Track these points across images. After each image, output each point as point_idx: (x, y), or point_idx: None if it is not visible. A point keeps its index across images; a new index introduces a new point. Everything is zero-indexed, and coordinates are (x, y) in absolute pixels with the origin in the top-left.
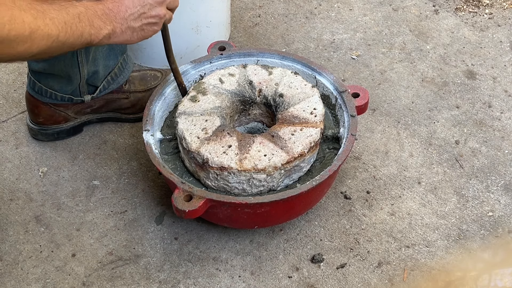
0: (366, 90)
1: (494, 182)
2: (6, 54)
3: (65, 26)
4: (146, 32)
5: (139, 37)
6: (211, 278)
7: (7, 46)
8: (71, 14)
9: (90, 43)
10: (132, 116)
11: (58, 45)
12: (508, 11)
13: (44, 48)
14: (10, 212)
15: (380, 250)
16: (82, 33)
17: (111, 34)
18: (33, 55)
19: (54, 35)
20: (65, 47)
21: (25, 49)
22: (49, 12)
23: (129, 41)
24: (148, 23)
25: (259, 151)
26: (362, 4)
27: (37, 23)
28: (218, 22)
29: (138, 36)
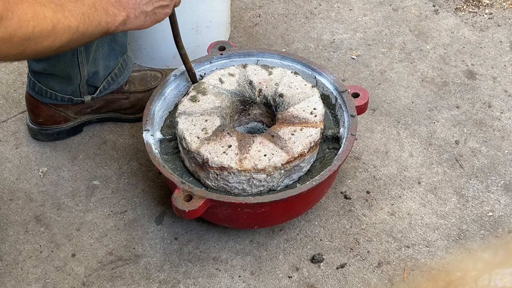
0: (366, 90)
1: (494, 182)
2: (32, 50)
3: (83, 17)
4: (158, 15)
5: (152, 20)
6: (211, 278)
7: (33, 42)
8: (87, 4)
9: (108, 31)
10: (132, 116)
11: (78, 36)
12: (508, 11)
13: (66, 41)
14: (10, 212)
15: (380, 250)
16: (99, 22)
17: (126, 20)
18: (56, 49)
19: (74, 27)
20: (85, 38)
21: (50, 44)
22: (67, 4)
23: (143, 25)
24: (160, 6)
25: (259, 151)
26: (362, 4)
27: (57, 17)
28: (218, 22)
29: (151, 20)
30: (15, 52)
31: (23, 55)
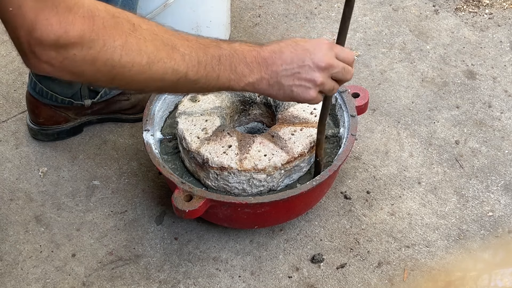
0: (366, 90)
1: (494, 182)
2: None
3: (198, 65)
4: (295, 94)
5: (286, 96)
6: (211, 278)
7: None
8: (210, 54)
9: (230, 88)
10: (132, 116)
11: (187, 82)
12: (508, 11)
13: (170, 83)
14: (10, 212)
15: (380, 250)
16: (219, 76)
17: (256, 84)
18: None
19: (181, 71)
20: (198, 87)
21: (145, 80)
22: (181, 47)
23: (274, 96)
24: (300, 85)
25: (259, 151)
26: (362, 4)
27: (160, 55)
28: (218, 22)
29: (285, 95)
30: (104, 78)
31: (114, 83)
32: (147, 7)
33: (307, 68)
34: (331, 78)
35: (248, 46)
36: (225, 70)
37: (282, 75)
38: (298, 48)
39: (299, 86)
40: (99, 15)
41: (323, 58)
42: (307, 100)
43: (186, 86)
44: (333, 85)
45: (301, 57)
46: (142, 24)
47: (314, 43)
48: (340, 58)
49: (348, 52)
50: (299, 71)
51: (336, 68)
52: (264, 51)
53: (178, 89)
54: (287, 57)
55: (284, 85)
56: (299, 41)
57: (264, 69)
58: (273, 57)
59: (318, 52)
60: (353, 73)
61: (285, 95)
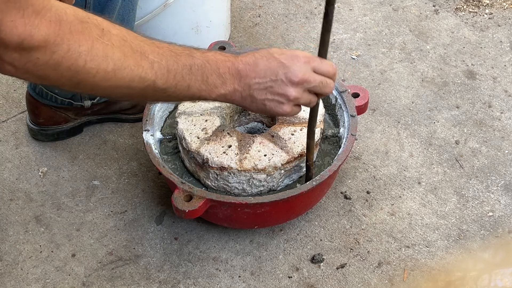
0: (366, 90)
1: (494, 182)
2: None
3: (167, 73)
4: (268, 108)
5: (259, 110)
6: (211, 278)
7: (86, 78)
8: (181, 63)
9: (202, 98)
10: (132, 116)
11: (155, 91)
12: (508, 11)
13: (138, 91)
14: (10, 212)
15: (380, 250)
16: (189, 86)
17: (228, 96)
18: (125, 96)
19: (149, 79)
20: (167, 96)
21: (111, 87)
22: (151, 55)
23: (248, 108)
24: (273, 100)
25: (259, 151)
26: (362, 4)
27: (126, 62)
28: (218, 22)
29: (258, 108)
30: (68, 83)
31: (79, 88)
32: (147, 7)
33: (280, 82)
34: (308, 92)
35: (223, 56)
36: (196, 80)
37: (254, 89)
38: (272, 61)
39: (272, 101)
40: (67, 20)
41: (297, 73)
42: (282, 114)
43: (155, 94)
44: (310, 99)
45: (274, 71)
46: (112, 30)
47: (290, 56)
48: (319, 71)
49: (327, 65)
50: (271, 85)
51: (312, 83)
52: (238, 63)
53: (147, 97)
54: (260, 70)
55: (257, 99)
56: (275, 53)
57: (237, 81)
58: (247, 69)
59: (293, 66)
60: (333, 87)
61: (258, 109)
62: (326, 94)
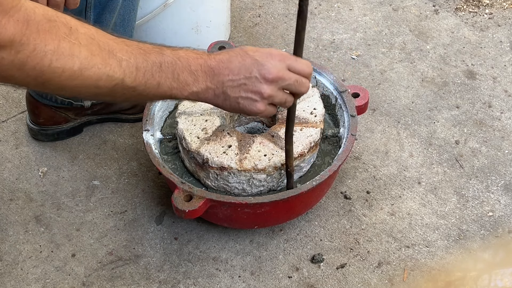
0: (366, 90)
1: (494, 182)
2: (56, 87)
3: (136, 71)
4: (242, 106)
5: (233, 108)
6: (211, 278)
7: (52, 78)
8: (150, 60)
9: (173, 97)
10: (132, 116)
11: (124, 89)
12: (508, 11)
13: (106, 90)
14: (10, 212)
15: (380, 250)
16: (159, 84)
17: (200, 93)
18: (93, 95)
19: (117, 77)
20: (137, 94)
21: (78, 86)
22: (119, 53)
23: (221, 107)
24: (247, 98)
25: (259, 151)
26: (362, 4)
27: (94, 61)
28: (218, 22)
29: (231, 107)
30: (34, 82)
31: (45, 88)
32: (147, 7)
33: (254, 79)
34: (283, 91)
35: (195, 53)
36: (167, 78)
37: (228, 86)
38: (246, 58)
39: (246, 98)
40: (35, 19)
41: (272, 70)
42: (255, 112)
43: (124, 93)
44: (285, 98)
45: (248, 68)
46: (80, 28)
47: (265, 54)
48: (294, 70)
49: (303, 63)
50: (245, 83)
51: (287, 81)
52: (211, 60)
53: (116, 97)
54: (234, 67)
55: (230, 96)
56: (250, 50)
57: (210, 78)
58: (220, 66)
59: (267, 63)
60: (308, 86)
61: (232, 107)
62: (301, 93)
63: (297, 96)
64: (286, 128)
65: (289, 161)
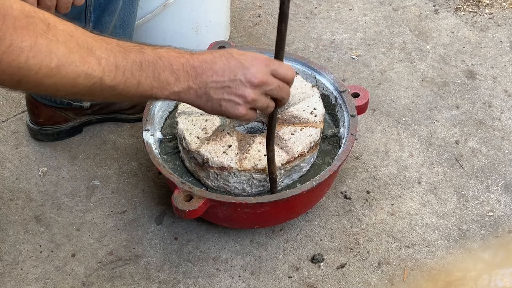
0: (366, 90)
1: (494, 182)
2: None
3: (116, 70)
4: (224, 108)
5: (214, 110)
6: (211, 278)
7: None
8: (130, 59)
9: (154, 97)
10: (132, 116)
11: (103, 88)
12: (508, 11)
13: (84, 89)
14: (10, 212)
15: (380, 250)
16: (139, 83)
17: (182, 93)
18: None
19: (96, 76)
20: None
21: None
22: (98, 50)
23: (202, 108)
24: (230, 100)
25: (259, 151)
26: (362, 4)
27: (72, 58)
28: (218, 22)
29: (213, 108)
30: (9, 80)
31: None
32: (147, 7)
33: (239, 82)
34: (265, 95)
35: (177, 52)
36: (147, 77)
37: (211, 87)
38: (231, 61)
39: (228, 101)
40: (12, 14)
41: (257, 74)
42: (237, 116)
43: (103, 92)
44: (267, 103)
45: (233, 71)
46: (58, 25)
47: (250, 57)
48: (278, 75)
49: (286, 69)
50: (229, 85)
51: (270, 85)
52: (194, 59)
53: (95, 96)
54: (219, 69)
55: (213, 98)
56: (234, 53)
57: (193, 78)
58: (203, 66)
59: (252, 67)
60: (289, 92)
61: (213, 109)
62: (282, 99)
63: (278, 101)
64: (268, 135)
65: (272, 168)
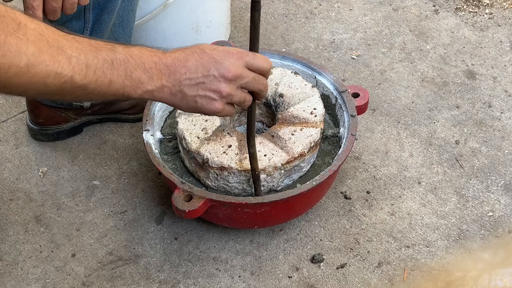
0: (366, 90)
1: (494, 182)
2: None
3: (86, 69)
4: (199, 105)
5: (190, 107)
6: (211, 278)
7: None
8: (101, 58)
9: (126, 95)
10: (132, 116)
11: (74, 87)
12: (508, 11)
13: (55, 88)
14: (10, 212)
15: (380, 250)
16: (111, 82)
17: (155, 92)
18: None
19: (66, 75)
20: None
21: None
22: (69, 49)
23: (178, 106)
24: (205, 96)
25: (259, 151)
26: (362, 4)
27: (42, 57)
28: (218, 22)
29: (188, 106)
30: None
31: None
32: (147, 7)
33: (212, 78)
34: (241, 89)
35: (149, 51)
36: (119, 76)
37: (185, 84)
38: (204, 57)
39: (204, 97)
40: None
41: (230, 68)
42: (213, 112)
43: (74, 91)
44: (244, 97)
45: (206, 66)
46: (29, 24)
47: (222, 52)
48: (252, 67)
49: (261, 60)
50: (203, 81)
51: (245, 78)
52: (166, 58)
53: (66, 95)
54: (191, 66)
55: (188, 95)
56: (206, 48)
57: (166, 76)
58: (176, 64)
59: (225, 61)
60: (266, 84)
61: (189, 106)
62: (259, 91)
63: (256, 94)
64: (248, 131)
65: (254, 164)
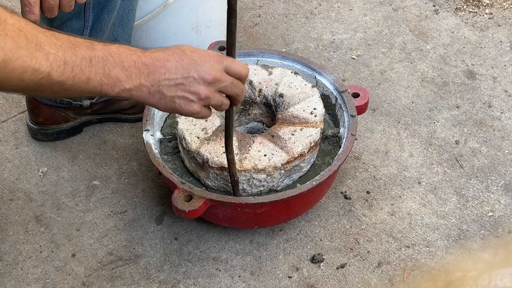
0: (366, 90)
1: (494, 182)
2: None
3: (64, 65)
4: (177, 105)
5: (168, 107)
6: (211, 278)
7: None
8: (79, 55)
9: (104, 93)
10: (132, 116)
11: (51, 84)
12: (508, 11)
13: (32, 84)
14: (10, 212)
15: (380, 250)
16: (88, 79)
17: (133, 91)
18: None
19: (43, 71)
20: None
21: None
22: (47, 45)
23: (155, 106)
24: (183, 97)
25: (259, 151)
26: (362, 4)
27: (19, 53)
28: (218, 22)
29: (166, 106)
30: None
31: None
32: (147, 7)
33: (192, 79)
34: (219, 93)
35: (128, 49)
36: (97, 73)
37: (164, 85)
38: (184, 58)
39: (182, 98)
40: None
41: (210, 71)
42: (190, 113)
43: (51, 87)
44: (222, 100)
45: (186, 68)
46: (9, 19)
47: (203, 54)
48: (230, 71)
49: (239, 66)
50: (183, 82)
51: (224, 82)
52: (146, 57)
53: (44, 91)
54: (171, 66)
55: (166, 96)
56: (187, 50)
57: (145, 75)
58: (156, 64)
59: (205, 64)
60: (243, 89)
61: (167, 106)
62: (236, 96)
63: (233, 99)
64: (226, 135)
65: (233, 169)
